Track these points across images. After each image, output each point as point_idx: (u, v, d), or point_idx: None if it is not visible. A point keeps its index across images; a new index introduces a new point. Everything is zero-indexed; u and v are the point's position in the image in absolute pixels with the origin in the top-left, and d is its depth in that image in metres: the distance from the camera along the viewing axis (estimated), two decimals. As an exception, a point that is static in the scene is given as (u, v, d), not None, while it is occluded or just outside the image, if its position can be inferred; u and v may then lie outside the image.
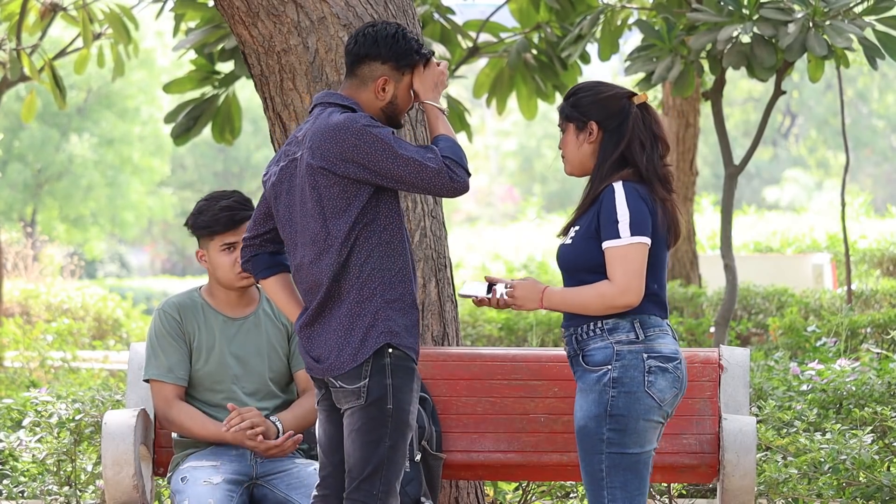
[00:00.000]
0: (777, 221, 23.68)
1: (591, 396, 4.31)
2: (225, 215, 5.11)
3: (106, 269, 39.50)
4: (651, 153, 4.40)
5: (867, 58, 7.67)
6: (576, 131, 4.44)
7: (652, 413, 4.29)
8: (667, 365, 4.31)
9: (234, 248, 5.12)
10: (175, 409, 5.09)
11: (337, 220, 4.35)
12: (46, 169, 29.23)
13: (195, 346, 5.15)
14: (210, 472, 4.98)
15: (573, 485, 6.52)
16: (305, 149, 4.40)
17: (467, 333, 11.64)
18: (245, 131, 35.64)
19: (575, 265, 4.38)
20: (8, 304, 17.13)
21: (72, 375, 10.88)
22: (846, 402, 6.56)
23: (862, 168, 43.50)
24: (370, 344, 4.34)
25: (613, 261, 4.29)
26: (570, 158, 4.48)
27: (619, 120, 4.41)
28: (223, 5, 5.60)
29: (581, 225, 4.39)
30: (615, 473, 4.28)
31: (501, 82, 9.55)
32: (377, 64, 4.46)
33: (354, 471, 4.37)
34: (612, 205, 4.31)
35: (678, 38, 8.21)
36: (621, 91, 4.45)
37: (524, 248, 23.51)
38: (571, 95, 4.48)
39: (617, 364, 4.29)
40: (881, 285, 12.76)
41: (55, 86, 10.10)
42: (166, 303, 5.21)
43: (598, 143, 4.42)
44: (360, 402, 4.35)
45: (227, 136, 9.25)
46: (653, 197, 4.36)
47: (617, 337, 4.32)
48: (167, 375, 5.11)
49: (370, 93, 4.47)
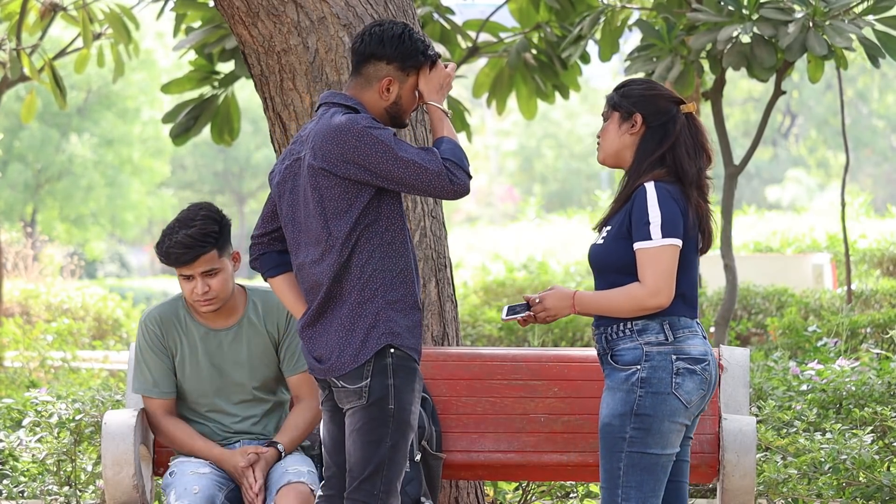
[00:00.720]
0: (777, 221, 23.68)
1: (618, 395, 4.32)
2: (176, 252, 4.96)
3: (106, 269, 39.51)
4: (696, 161, 4.42)
5: (868, 57, 7.67)
6: (619, 120, 4.45)
7: (678, 415, 4.31)
8: (695, 367, 4.33)
9: (191, 279, 5.02)
10: (163, 424, 5.11)
11: (338, 220, 4.35)
12: (46, 169, 29.24)
13: (178, 359, 5.13)
14: (198, 465, 5.01)
15: (573, 485, 6.52)
16: (308, 149, 4.40)
17: (467, 333, 11.64)
18: (245, 131, 35.64)
19: (606, 265, 4.40)
20: (8, 304, 17.12)
21: (72, 375, 10.88)
22: (846, 402, 6.56)
23: (862, 168, 43.50)
24: (371, 345, 4.34)
25: (644, 262, 4.31)
26: (607, 146, 4.49)
27: (664, 119, 4.42)
28: (223, 5, 5.60)
29: (613, 225, 4.41)
30: (632, 473, 4.29)
31: (501, 82, 9.55)
32: (382, 64, 4.45)
33: (355, 470, 4.36)
34: (643, 206, 4.32)
35: (678, 37, 8.21)
36: (672, 95, 4.47)
37: (524, 248, 23.49)
38: (622, 87, 4.49)
39: (646, 365, 4.31)
40: (881, 285, 12.75)
41: (55, 86, 10.09)
42: (148, 315, 5.15)
43: (639, 137, 4.43)
44: (361, 402, 4.35)
45: (225, 138, 9.24)
46: (684, 197, 4.37)
47: (646, 338, 4.33)
48: (152, 391, 5.11)
49: (374, 93, 4.46)
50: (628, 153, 4.45)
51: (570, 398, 5.21)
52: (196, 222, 4.98)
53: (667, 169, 4.39)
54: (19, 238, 21.86)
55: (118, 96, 29.57)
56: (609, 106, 4.49)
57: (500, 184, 47.85)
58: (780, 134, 44.71)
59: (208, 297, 5.01)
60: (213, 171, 40.39)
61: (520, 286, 15.79)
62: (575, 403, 5.20)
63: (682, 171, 4.39)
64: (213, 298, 5.02)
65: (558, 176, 45.92)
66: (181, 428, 5.09)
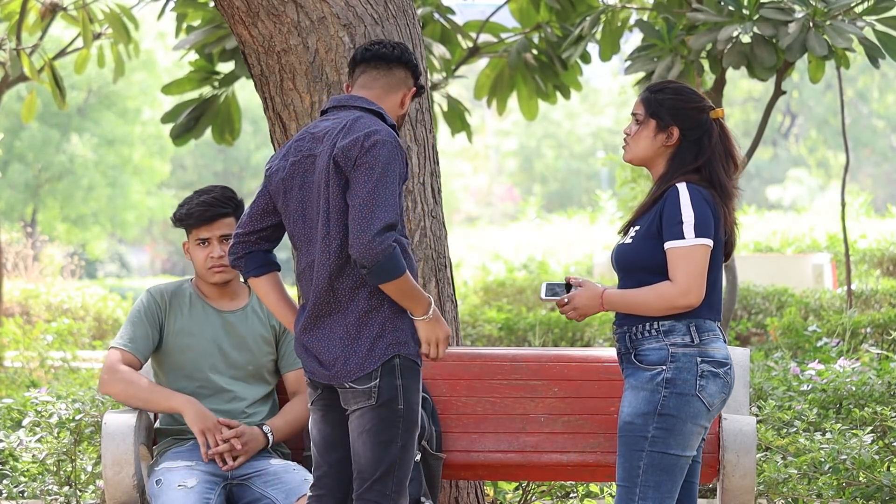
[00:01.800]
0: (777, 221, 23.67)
1: (641, 394, 4.33)
2: (199, 210, 5.11)
3: (106, 269, 39.51)
4: (727, 170, 4.44)
5: (868, 57, 7.67)
6: (656, 129, 4.45)
7: (700, 417, 4.33)
8: (718, 370, 4.35)
9: (207, 243, 5.12)
10: (122, 369, 5.04)
11: (337, 220, 4.34)
12: (47, 169, 29.24)
13: (174, 329, 5.13)
14: (185, 475, 4.92)
15: (573, 485, 6.52)
16: (326, 147, 4.36)
17: (467, 333, 11.63)
18: (245, 131, 35.65)
19: (634, 264, 4.40)
20: (8, 304, 17.13)
21: (72, 375, 10.87)
22: (846, 402, 6.56)
23: (862, 168, 43.50)
24: (377, 354, 4.33)
25: (676, 261, 4.31)
26: (637, 150, 4.49)
27: (699, 133, 4.44)
28: (223, 5, 5.60)
29: (642, 225, 4.41)
30: (651, 472, 4.30)
31: (502, 82, 9.55)
32: (409, 73, 4.51)
33: (366, 471, 4.35)
34: (676, 205, 4.33)
35: (678, 37, 8.21)
36: (705, 104, 4.47)
37: (524, 248, 23.49)
38: (659, 91, 4.48)
39: (671, 366, 4.32)
40: (881, 285, 12.76)
41: (55, 86, 10.09)
42: (155, 287, 5.22)
43: (673, 148, 4.45)
44: (370, 403, 4.34)
45: (226, 138, 9.24)
46: (716, 201, 4.38)
47: (672, 339, 4.34)
48: (127, 345, 5.09)
49: (395, 100, 4.50)
50: (661, 161, 4.48)
51: (571, 398, 5.21)
52: (215, 190, 5.17)
53: (700, 176, 4.42)
54: (19, 238, 21.87)
55: (118, 96, 29.57)
56: (646, 111, 4.47)
57: (500, 184, 47.84)
58: (780, 134, 44.72)
59: (223, 263, 5.09)
60: (213, 171, 40.41)
61: (520, 286, 15.79)
62: (575, 403, 5.20)
63: (715, 181, 4.42)
64: (227, 266, 5.09)
65: (558, 176, 45.90)
66: (141, 377, 5.06)
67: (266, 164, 4.55)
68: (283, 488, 4.91)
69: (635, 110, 4.51)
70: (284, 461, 5.08)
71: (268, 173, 4.51)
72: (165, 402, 5.05)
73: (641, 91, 4.57)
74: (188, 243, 5.20)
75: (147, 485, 5.01)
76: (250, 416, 5.12)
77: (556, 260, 20.89)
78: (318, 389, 4.48)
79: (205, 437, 4.97)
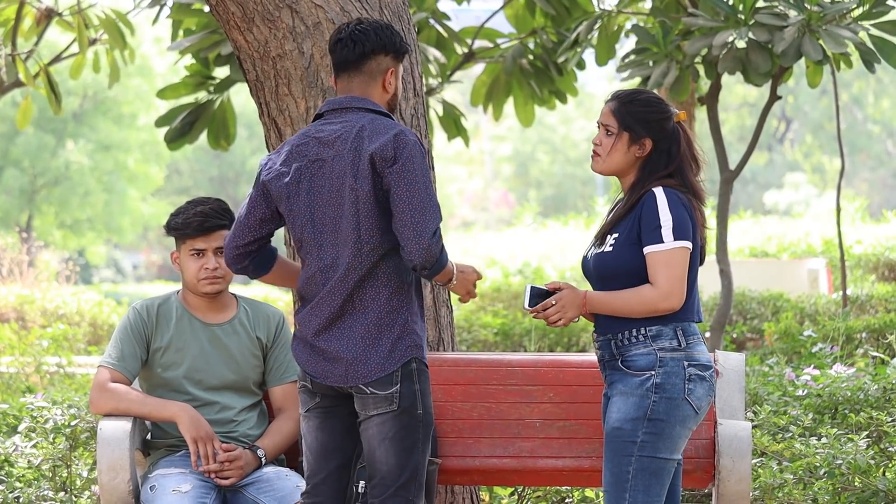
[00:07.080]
0: (773, 226, 23.66)
1: (631, 400, 4.35)
2: (197, 220, 5.08)
3: (101, 275, 39.49)
4: (695, 172, 4.49)
5: (864, 62, 7.68)
6: (629, 141, 4.47)
7: (689, 420, 4.37)
8: (704, 373, 4.40)
9: (202, 254, 5.09)
10: (113, 386, 5.02)
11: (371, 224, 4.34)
12: (42, 175, 29.23)
13: (162, 346, 5.11)
14: (179, 480, 4.91)
15: (568, 490, 6.52)
16: (368, 151, 4.34)
17: (463, 338, 11.63)
18: (240, 137, 35.63)
19: (617, 271, 4.41)
20: (3, 309, 17.12)
21: (67, 381, 10.86)
22: (841, 407, 6.56)
23: (857, 173, 43.53)
24: (398, 356, 4.36)
25: (656, 265, 4.33)
26: (611, 162, 4.49)
27: (670, 142, 4.47)
28: (218, 11, 5.60)
29: (621, 232, 4.42)
30: (641, 477, 4.32)
31: (497, 88, 9.55)
32: (382, 56, 4.48)
33: (389, 478, 4.37)
34: (654, 210, 4.36)
35: (674, 42, 8.21)
36: (672, 111, 4.50)
37: (520, 254, 23.47)
38: (630, 103, 4.48)
39: (660, 370, 4.35)
40: (876, 290, 12.77)
41: (51, 91, 10.08)
42: (140, 302, 5.19)
43: (644, 157, 4.47)
44: (392, 409, 4.36)
45: (222, 143, 9.23)
46: (693, 205, 4.42)
47: (660, 344, 4.37)
48: (116, 364, 5.07)
49: (378, 87, 4.49)
50: (632, 171, 4.50)
51: (566, 403, 5.20)
52: (211, 202, 5.15)
53: (674, 181, 4.45)
54: (15, 244, 21.85)
55: (114, 102, 29.58)
56: (619, 123, 4.47)
57: (495, 189, 47.82)
58: (775, 139, 44.74)
59: (217, 275, 5.08)
60: (209, 176, 40.40)
61: (515, 291, 15.78)
62: (570, 408, 5.19)
63: (688, 185, 4.46)
64: (220, 278, 5.08)
65: (554, 181, 45.90)
66: (130, 391, 5.04)
67: (259, 168, 4.54)
68: (276, 495, 4.91)
69: (606, 121, 4.50)
70: (277, 468, 5.09)
71: (265, 178, 4.48)
72: (159, 412, 5.04)
73: (609, 99, 4.55)
74: (178, 253, 5.17)
75: (141, 492, 5.00)
76: (239, 423, 5.12)
77: (552, 265, 20.88)
78: (317, 397, 4.47)
79: (196, 445, 4.97)
